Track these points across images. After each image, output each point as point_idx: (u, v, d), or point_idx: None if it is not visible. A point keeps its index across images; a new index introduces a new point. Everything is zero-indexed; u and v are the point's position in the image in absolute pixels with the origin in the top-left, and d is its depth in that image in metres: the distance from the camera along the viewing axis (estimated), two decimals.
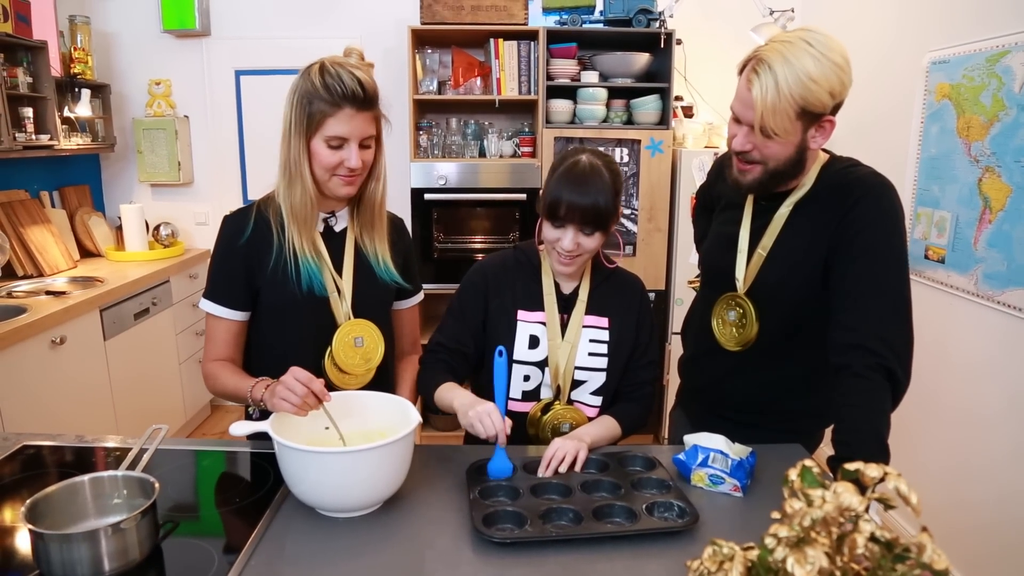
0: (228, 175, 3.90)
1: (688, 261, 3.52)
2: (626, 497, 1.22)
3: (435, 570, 1.05)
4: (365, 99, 1.33)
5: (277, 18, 3.75)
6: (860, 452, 1.12)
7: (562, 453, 1.32)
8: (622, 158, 3.46)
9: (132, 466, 1.18)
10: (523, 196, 3.48)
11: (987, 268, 2.27)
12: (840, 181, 1.35)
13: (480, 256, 3.59)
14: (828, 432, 1.57)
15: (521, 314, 1.50)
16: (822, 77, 1.22)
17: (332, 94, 1.30)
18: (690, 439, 1.36)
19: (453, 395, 1.40)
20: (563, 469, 1.30)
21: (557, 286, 1.52)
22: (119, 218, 3.58)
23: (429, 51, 3.48)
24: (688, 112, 3.68)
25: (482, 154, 3.61)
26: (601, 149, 3.37)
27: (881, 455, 1.15)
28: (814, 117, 1.27)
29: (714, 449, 1.31)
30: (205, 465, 1.40)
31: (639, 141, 3.42)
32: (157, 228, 3.65)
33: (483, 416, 1.29)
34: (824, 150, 1.43)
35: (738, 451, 1.32)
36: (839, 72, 1.23)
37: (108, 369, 2.85)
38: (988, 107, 2.26)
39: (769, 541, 0.72)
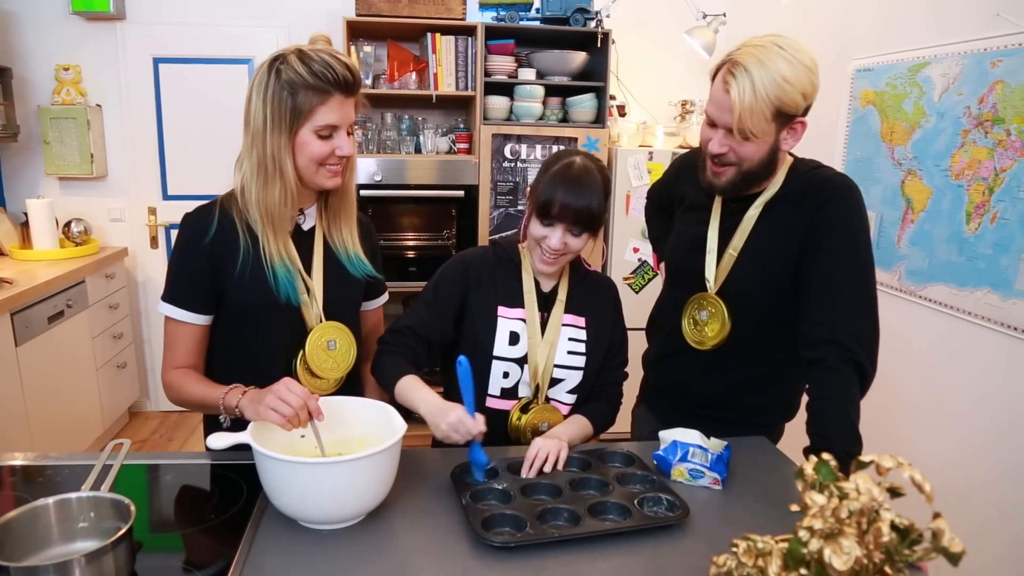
0: (146, 168, 3.67)
1: (623, 258, 3.59)
2: (615, 493, 1.23)
3: None
4: (354, 84, 1.30)
5: (199, 3, 3.55)
6: (838, 443, 1.18)
7: (544, 453, 1.31)
8: None
9: (96, 486, 1.10)
10: (460, 193, 3.44)
11: (910, 265, 2.43)
12: (808, 183, 1.41)
13: (414, 254, 3.54)
14: (788, 425, 1.64)
15: (502, 310, 1.49)
16: (795, 79, 1.28)
17: (323, 81, 1.25)
18: (666, 435, 1.38)
19: (417, 396, 1.36)
20: (547, 469, 1.30)
21: (537, 284, 1.52)
22: (24, 214, 3.31)
23: (364, 44, 3.39)
24: (621, 111, 3.75)
25: (417, 150, 3.56)
26: (539, 146, 3.46)
27: (856, 444, 1.22)
28: (787, 118, 1.32)
29: (693, 444, 1.34)
30: (167, 480, 1.31)
31: (576, 139, 3.45)
32: (68, 225, 3.39)
33: (458, 426, 1.28)
34: (788, 153, 1.49)
35: (715, 445, 1.36)
36: (809, 74, 1.30)
37: (21, 377, 2.63)
38: (910, 114, 2.41)
39: (803, 534, 0.74)
